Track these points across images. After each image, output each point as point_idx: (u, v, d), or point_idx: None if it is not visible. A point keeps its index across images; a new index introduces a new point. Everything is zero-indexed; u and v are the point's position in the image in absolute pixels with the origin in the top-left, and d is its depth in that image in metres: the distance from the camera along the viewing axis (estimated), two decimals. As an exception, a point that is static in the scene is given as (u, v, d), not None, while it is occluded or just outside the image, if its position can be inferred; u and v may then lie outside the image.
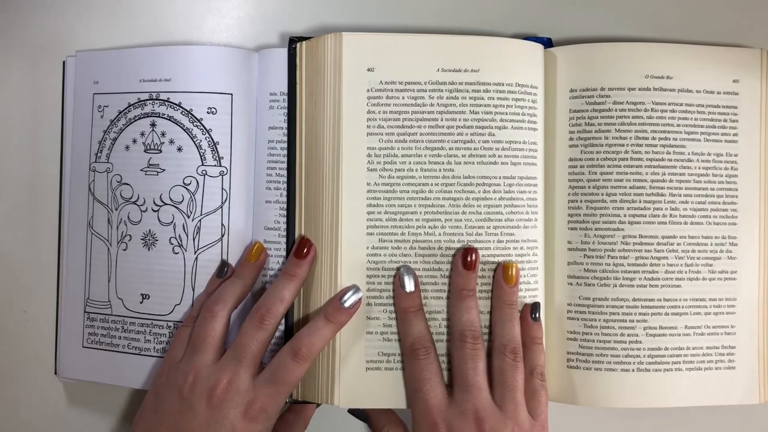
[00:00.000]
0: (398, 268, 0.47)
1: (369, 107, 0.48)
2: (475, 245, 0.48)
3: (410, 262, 0.48)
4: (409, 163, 0.48)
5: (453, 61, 0.48)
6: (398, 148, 0.48)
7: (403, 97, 0.48)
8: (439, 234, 0.48)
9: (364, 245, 0.48)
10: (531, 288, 0.49)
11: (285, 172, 0.50)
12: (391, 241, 0.48)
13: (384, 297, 0.48)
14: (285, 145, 0.50)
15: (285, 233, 0.50)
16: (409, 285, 0.47)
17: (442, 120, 0.48)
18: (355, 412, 0.50)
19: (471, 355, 0.45)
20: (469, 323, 0.46)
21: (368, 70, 0.48)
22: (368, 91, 0.48)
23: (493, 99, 0.48)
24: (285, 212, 0.50)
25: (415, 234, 0.48)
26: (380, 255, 0.48)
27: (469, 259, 0.47)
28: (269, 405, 0.44)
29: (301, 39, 0.50)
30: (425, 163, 0.48)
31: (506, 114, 0.48)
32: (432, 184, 0.48)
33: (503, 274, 0.47)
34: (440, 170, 0.48)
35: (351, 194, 0.48)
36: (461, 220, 0.48)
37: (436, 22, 0.54)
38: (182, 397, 0.44)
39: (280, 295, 0.47)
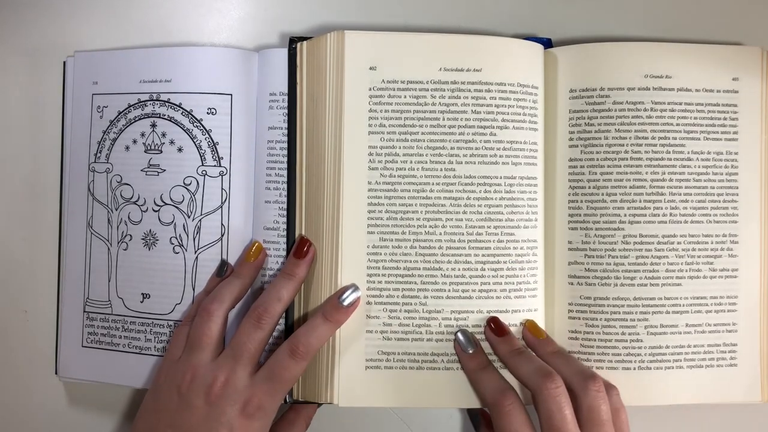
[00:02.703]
0: (456, 333, 0.47)
1: (371, 106, 0.48)
2: (476, 245, 0.48)
3: (411, 262, 0.48)
4: (411, 162, 0.48)
5: (455, 61, 0.48)
6: (400, 147, 0.48)
7: (405, 96, 0.48)
8: (440, 234, 0.48)
9: (364, 244, 0.48)
10: (530, 288, 0.49)
11: (284, 172, 0.50)
12: (392, 240, 0.48)
13: (384, 296, 0.48)
14: (284, 145, 0.50)
15: (284, 233, 0.50)
16: (470, 346, 0.47)
17: (443, 119, 0.48)
18: (472, 414, 0.50)
19: (557, 402, 0.43)
20: (542, 369, 0.45)
21: (370, 68, 0.48)
22: (370, 89, 0.48)
23: (495, 99, 0.48)
24: (284, 212, 0.50)
25: (415, 233, 0.48)
26: (381, 254, 0.48)
27: (499, 325, 0.47)
28: (267, 402, 0.44)
29: (302, 39, 0.50)
30: (426, 162, 0.48)
31: (508, 114, 0.48)
32: (433, 184, 0.48)
33: (533, 332, 0.48)
34: (441, 170, 0.48)
35: (352, 193, 0.48)
36: (462, 220, 0.48)
37: (434, 22, 0.54)
38: (180, 395, 0.44)
39: (278, 294, 0.47)
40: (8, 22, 0.54)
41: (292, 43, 0.50)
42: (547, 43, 0.51)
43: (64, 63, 0.53)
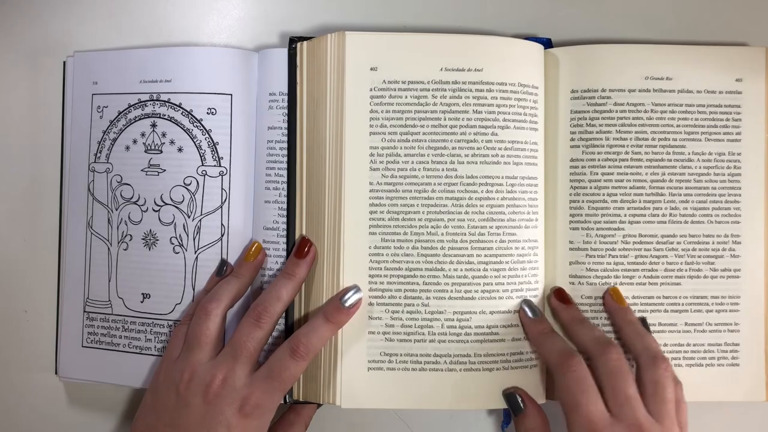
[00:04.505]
0: (521, 303, 0.48)
1: (372, 106, 0.48)
2: (478, 245, 0.48)
3: (413, 262, 0.48)
4: (412, 162, 0.48)
5: (456, 61, 0.48)
6: (401, 148, 0.48)
7: (406, 97, 0.48)
8: (442, 234, 0.48)
9: (366, 245, 0.48)
10: (531, 288, 0.49)
11: (284, 172, 0.50)
12: (394, 241, 0.48)
13: (386, 297, 0.48)
14: (284, 145, 0.50)
15: (284, 233, 0.49)
16: (534, 312, 0.48)
17: (445, 119, 0.48)
18: (510, 398, 0.48)
19: (620, 367, 0.44)
20: (603, 338, 0.46)
21: (371, 69, 0.48)
22: (371, 90, 0.48)
23: (496, 99, 0.48)
24: (284, 212, 0.50)
25: (417, 234, 0.48)
26: (382, 255, 0.48)
27: (564, 295, 0.49)
28: (265, 401, 0.44)
29: (302, 39, 0.49)
30: (428, 162, 0.48)
31: (509, 114, 0.48)
32: (435, 184, 0.48)
33: (615, 298, 0.49)
34: (443, 170, 0.48)
35: (353, 193, 0.48)
36: (464, 220, 0.48)
37: (434, 22, 0.54)
38: (179, 394, 0.44)
39: (278, 294, 0.47)
40: (8, 22, 0.54)
41: (292, 43, 0.49)
42: (547, 44, 0.51)
43: (64, 63, 0.53)
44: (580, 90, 0.50)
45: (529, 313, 0.48)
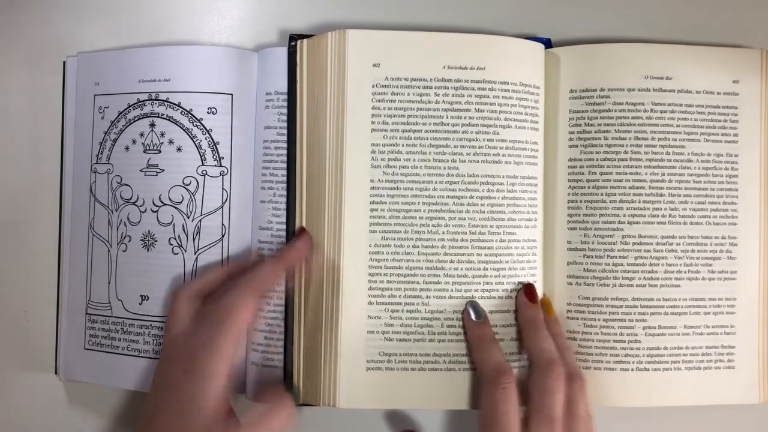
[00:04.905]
0: (466, 303, 0.48)
1: (374, 103, 0.48)
2: (479, 244, 0.48)
3: (413, 261, 0.47)
4: (414, 160, 0.48)
5: (459, 59, 0.48)
6: (403, 145, 0.48)
7: (409, 94, 0.48)
8: (443, 233, 0.48)
9: (366, 243, 0.47)
10: (530, 288, 0.49)
11: (278, 172, 0.50)
12: (394, 239, 0.47)
13: (386, 296, 0.48)
14: (279, 144, 0.50)
15: (278, 233, 0.49)
16: (478, 314, 0.47)
17: (447, 117, 0.48)
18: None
19: (556, 387, 0.44)
20: (552, 353, 0.46)
21: (373, 65, 0.48)
22: (373, 86, 0.48)
23: (498, 98, 0.48)
24: (278, 212, 0.50)
25: (418, 232, 0.48)
26: (382, 253, 0.47)
27: (533, 293, 0.48)
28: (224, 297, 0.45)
29: (302, 36, 0.49)
30: (430, 160, 0.48)
31: (510, 113, 0.48)
32: (436, 182, 0.48)
33: (545, 308, 0.49)
34: (445, 168, 0.48)
35: (354, 191, 0.47)
36: (465, 219, 0.48)
37: (433, 21, 0.54)
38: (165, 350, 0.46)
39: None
40: (8, 22, 0.54)
41: (292, 40, 0.49)
42: (547, 43, 0.51)
43: (65, 63, 0.53)
44: (578, 89, 0.50)
45: (473, 316, 0.47)
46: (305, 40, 0.49)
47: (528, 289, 0.48)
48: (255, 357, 0.50)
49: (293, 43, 0.49)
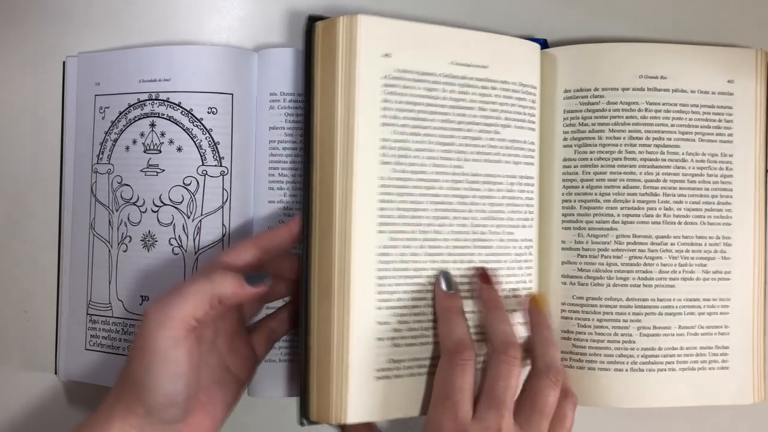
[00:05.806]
0: (438, 273, 0.46)
1: (385, 95, 0.45)
2: (480, 244, 0.47)
3: (419, 262, 0.46)
4: (422, 157, 0.46)
5: (465, 56, 0.47)
6: (412, 141, 0.46)
7: (419, 88, 0.46)
8: (447, 233, 0.46)
9: (375, 245, 0.45)
10: (527, 287, 0.49)
11: (288, 172, 0.50)
12: (402, 240, 0.45)
13: (394, 300, 0.45)
14: (287, 145, 0.50)
15: None
16: (449, 285, 0.46)
17: (453, 115, 0.47)
18: None
19: (510, 372, 0.43)
20: (510, 336, 0.44)
21: (384, 55, 0.45)
22: (384, 78, 0.45)
23: (500, 97, 0.48)
24: (289, 212, 0.50)
25: (424, 232, 0.46)
26: (390, 255, 0.45)
27: (487, 275, 0.47)
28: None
29: (321, 18, 0.46)
30: (436, 158, 0.46)
31: (510, 113, 0.48)
32: (442, 181, 0.46)
33: (537, 304, 0.48)
34: (450, 166, 0.47)
35: (363, 188, 0.45)
36: (467, 218, 0.47)
37: (433, 20, 0.54)
38: None
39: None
40: (8, 23, 0.54)
41: (311, 21, 0.46)
42: (544, 44, 0.51)
43: (65, 63, 0.53)
44: (573, 89, 0.50)
45: (444, 286, 0.46)
46: (320, 23, 0.46)
47: (483, 272, 0.47)
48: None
49: (311, 25, 0.46)
